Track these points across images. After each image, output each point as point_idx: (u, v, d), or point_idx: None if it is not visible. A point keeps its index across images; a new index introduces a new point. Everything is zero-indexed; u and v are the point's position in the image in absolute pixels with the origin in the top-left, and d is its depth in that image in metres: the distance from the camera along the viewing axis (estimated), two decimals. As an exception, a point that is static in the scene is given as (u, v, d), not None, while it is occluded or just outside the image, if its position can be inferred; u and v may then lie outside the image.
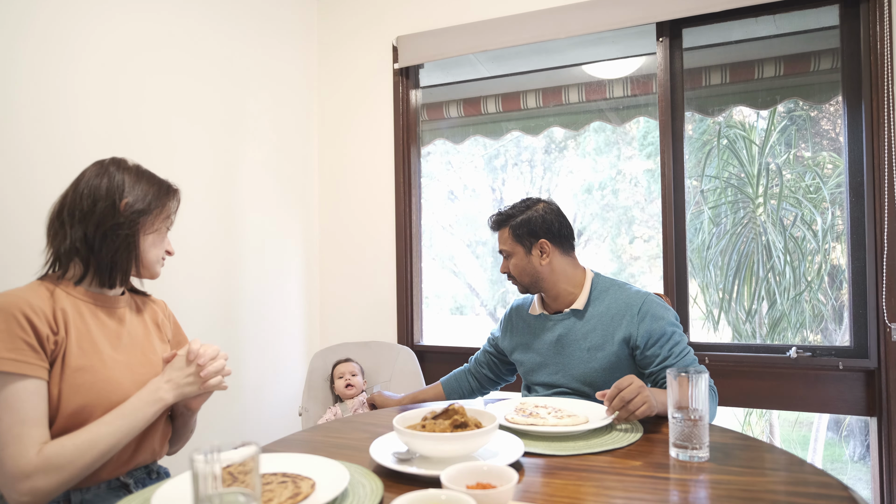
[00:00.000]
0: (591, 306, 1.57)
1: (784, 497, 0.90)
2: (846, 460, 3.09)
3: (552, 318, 1.62)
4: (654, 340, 1.47)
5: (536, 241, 1.60)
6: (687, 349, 1.48)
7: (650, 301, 1.52)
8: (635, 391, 1.21)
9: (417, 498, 0.73)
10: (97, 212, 1.11)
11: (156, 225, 1.19)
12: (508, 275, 1.68)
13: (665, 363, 1.45)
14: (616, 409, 1.22)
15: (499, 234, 1.67)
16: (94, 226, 1.11)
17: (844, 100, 2.05)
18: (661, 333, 1.47)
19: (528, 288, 1.64)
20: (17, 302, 1.01)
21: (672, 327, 1.49)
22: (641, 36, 2.33)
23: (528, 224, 1.61)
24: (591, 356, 1.53)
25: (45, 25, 1.63)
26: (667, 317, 1.50)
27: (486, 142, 2.90)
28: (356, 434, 1.27)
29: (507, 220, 1.65)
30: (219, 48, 2.24)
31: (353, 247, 2.75)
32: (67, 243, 1.11)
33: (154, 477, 1.20)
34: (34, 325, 1.01)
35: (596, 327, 1.54)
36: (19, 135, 1.57)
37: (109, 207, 1.12)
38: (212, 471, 0.62)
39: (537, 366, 1.63)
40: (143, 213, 1.15)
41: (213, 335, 2.16)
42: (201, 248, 2.13)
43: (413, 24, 2.63)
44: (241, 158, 2.34)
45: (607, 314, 1.54)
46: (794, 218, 2.39)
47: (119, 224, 1.12)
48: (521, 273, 1.62)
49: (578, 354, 1.54)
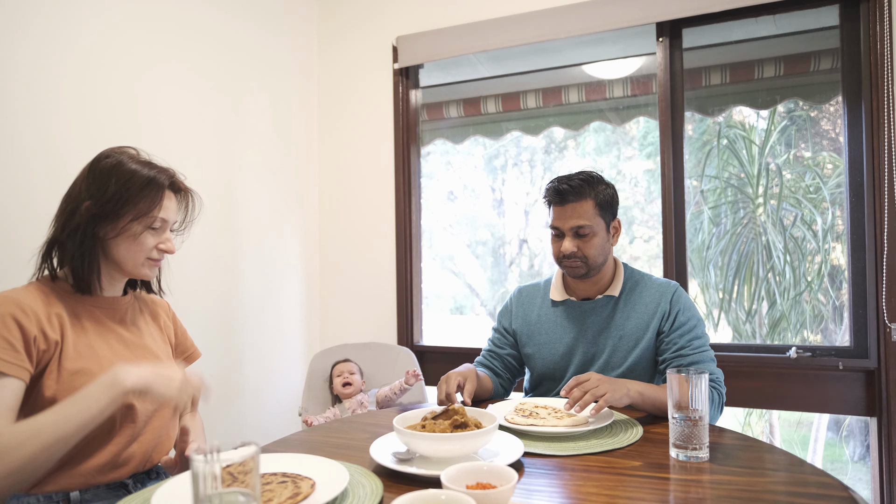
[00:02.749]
0: (626, 294, 1.53)
1: (784, 497, 0.90)
2: (846, 460, 3.09)
3: (583, 306, 1.53)
4: (678, 327, 1.45)
5: (613, 219, 1.50)
6: (706, 348, 1.45)
7: (682, 290, 1.52)
8: (595, 383, 1.21)
9: (417, 498, 0.73)
10: (65, 213, 1.09)
11: (124, 226, 1.09)
12: (570, 257, 1.44)
13: (681, 352, 1.42)
14: (576, 399, 1.20)
15: (576, 207, 1.42)
16: (61, 228, 1.09)
17: (844, 100, 2.05)
18: (685, 322, 1.46)
19: (590, 273, 1.47)
20: (6, 302, 1.01)
21: (698, 322, 1.48)
22: (641, 36, 2.33)
23: (612, 198, 1.46)
24: (623, 345, 1.48)
25: (41, 22, 1.63)
26: (695, 311, 1.50)
27: (486, 142, 2.90)
28: (356, 434, 1.27)
29: (590, 188, 1.42)
30: (218, 48, 2.23)
31: (353, 247, 2.75)
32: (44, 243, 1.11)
33: (154, 477, 1.19)
34: (22, 326, 0.99)
35: (630, 316, 1.50)
36: (14, 135, 1.56)
37: (73, 209, 1.08)
38: (212, 471, 0.61)
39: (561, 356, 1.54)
40: (100, 217, 1.08)
41: (213, 336, 2.16)
42: (201, 248, 2.13)
43: (413, 24, 2.63)
44: (241, 159, 2.34)
45: (641, 302, 1.50)
46: (794, 218, 2.39)
47: (78, 227, 1.07)
48: (599, 254, 1.44)
49: (612, 343, 1.50)
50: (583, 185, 1.43)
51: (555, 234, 1.49)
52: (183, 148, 2.07)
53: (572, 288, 1.57)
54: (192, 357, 1.38)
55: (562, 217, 1.45)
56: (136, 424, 1.11)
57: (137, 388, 0.97)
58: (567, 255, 1.45)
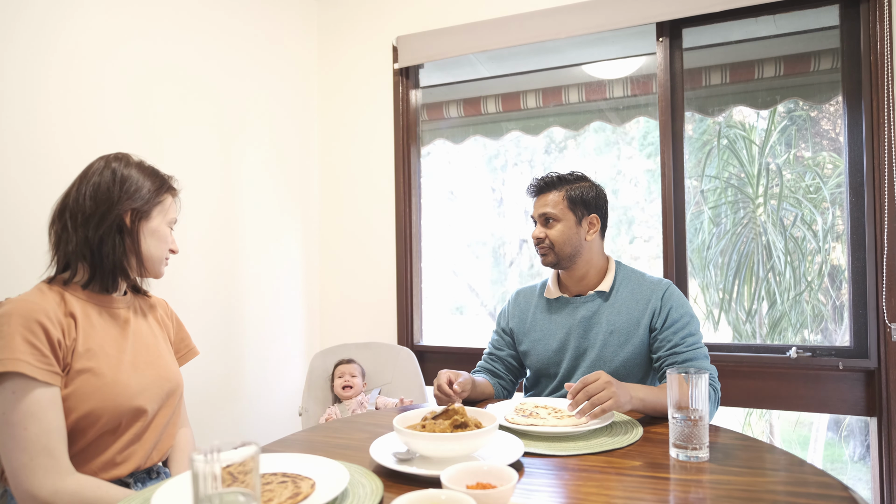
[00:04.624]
0: (616, 290, 1.56)
1: (784, 497, 0.90)
2: (846, 460, 3.09)
3: (574, 301, 1.59)
4: (671, 324, 1.47)
5: (588, 214, 1.57)
6: (700, 345, 1.46)
7: (675, 287, 1.54)
8: (601, 386, 1.20)
9: (417, 498, 0.73)
10: (98, 214, 1.10)
11: (156, 223, 1.17)
12: (540, 243, 1.56)
13: (675, 350, 1.44)
14: (580, 402, 1.21)
15: (545, 197, 1.57)
16: (94, 228, 1.10)
17: (844, 100, 2.05)
18: (678, 319, 1.47)
19: (562, 261, 1.56)
20: (34, 308, 1.01)
21: (691, 318, 1.49)
22: (641, 36, 2.33)
23: (586, 193, 1.56)
24: (614, 340, 1.50)
25: (39, 22, 1.63)
26: (688, 308, 1.51)
27: (486, 142, 2.90)
28: (356, 434, 1.27)
29: (562, 183, 1.57)
30: (218, 48, 2.24)
31: (354, 247, 2.75)
32: (72, 247, 1.10)
33: (154, 477, 1.19)
34: (48, 332, 1.01)
35: (621, 311, 1.53)
36: (7, 136, 1.56)
37: (109, 209, 1.11)
38: (212, 471, 0.61)
39: (554, 351, 1.57)
40: (141, 213, 1.14)
41: (213, 335, 2.16)
42: (201, 247, 2.13)
43: (413, 24, 2.63)
44: (241, 159, 2.34)
45: (632, 298, 1.53)
46: (794, 218, 2.39)
47: (119, 226, 1.12)
48: (565, 242, 1.54)
49: (602, 338, 1.52)
50: (555, 180, 1.58)
51: (533, 222, 1.62)
52: (183, 148, 2.07)
53: (565, 285, 1.63)
54: (190, 355, 1.38)
55: (536, 206, 1.60)
56: (141, 424, 1.12)
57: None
58: (535, 241, 1.58)
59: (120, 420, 1.09)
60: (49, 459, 0.97)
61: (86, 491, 0.99)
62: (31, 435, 0.96)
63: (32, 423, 0.96)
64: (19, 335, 0.98)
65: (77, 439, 1.05)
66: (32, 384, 0.98)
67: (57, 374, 1.01)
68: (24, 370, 0.96)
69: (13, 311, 1.00)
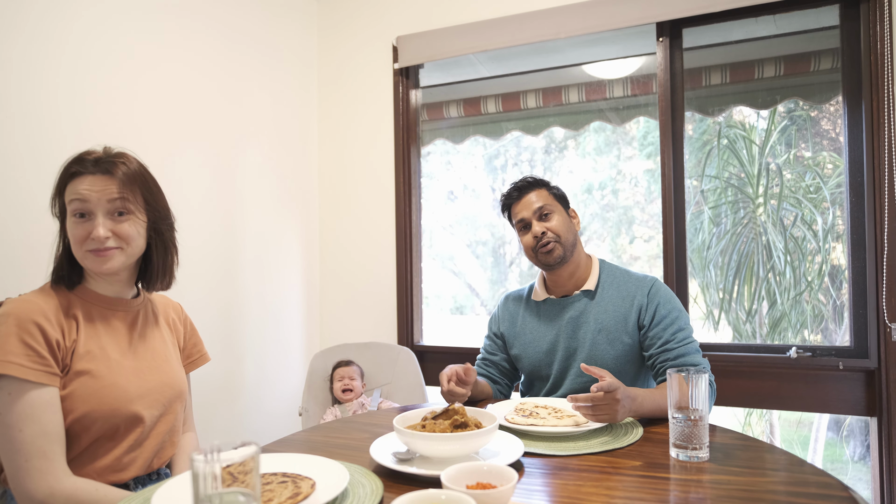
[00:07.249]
0: (602, 289, 1.56)
1: (784, 497, 0.90)
2: (846, 460, 3.09)
3: (561, 302, 1.59)
4: (659, 321, 1.46)
5: (569, 208, 1.62)
6: (691, 340, 1.45)
7: (661, 283, 1.54)
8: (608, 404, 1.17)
9: (417, 498, 0.73)
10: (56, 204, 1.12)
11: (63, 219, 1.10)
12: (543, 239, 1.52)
13: (666, 346, 1.43)
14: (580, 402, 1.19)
15: (534, 195, 1.57)
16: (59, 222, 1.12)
17: (844, 100, 2.05)
18: (666, 315, 1.46)
19: (566, 252, 1.54)
20: (32, 309, 1.01)
21: (679, 313, 1.48)
22: (641, 36, 2.33)
23: (560, 191, 1.63)
24: (603, 338, 1.50)
25: (38, 21, 1.63)
26: (676, 302, 1.50)
27: (486, 142, 2.90)
28: (356, 434, 1.27)
29: (539, 183, 1.62)
30: (218, 48, 2.24)
31: (354, 247, 2.75)
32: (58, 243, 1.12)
33: (154, 477, 1.19)
34: (45, 333, 1.00)
35: (608, 309, 1.52)
36: (6, 133, 1.56)
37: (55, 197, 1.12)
38: (212, 471, 0.61)
39: (545, 353, 1.57)
40: (53, 206, 1.11)
41: (213, 336, 2.15)
42: (201, 248, 2.13)
43: (413, 24, 2.63)
44: (241, 159, 2.34)
45: (618, 296, 1.53)
46: (795, 218, 2.39)
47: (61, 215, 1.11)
48: (567, 230, 1.54)
49: (591, 336, 1.51)
50: (532, 181, 1.61)
51: (522, 228, 1.59)
52: (183, 148, 2.07)
53: (551, 287, 1.63)
54: (201, 361, 1.36)
55: (524, 207, 1.58)
56: (141, 430, 1.12)
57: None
58: (539, 237, 1.53)
59: (117, 425, 1.08)
60: (44, 461, 0.96)
61: (81, 493, 0.99)
62: (27, 437, 0.96)
63: (28, 424, 0.96)
64: (15, 336, 0.98)
65: (76, 442, 1.05)
66: (28, 385, 0.97)
67: (55, 374, 1.01)
68: (14, 372, 0.96)
69: (10, 311, 1.00)
